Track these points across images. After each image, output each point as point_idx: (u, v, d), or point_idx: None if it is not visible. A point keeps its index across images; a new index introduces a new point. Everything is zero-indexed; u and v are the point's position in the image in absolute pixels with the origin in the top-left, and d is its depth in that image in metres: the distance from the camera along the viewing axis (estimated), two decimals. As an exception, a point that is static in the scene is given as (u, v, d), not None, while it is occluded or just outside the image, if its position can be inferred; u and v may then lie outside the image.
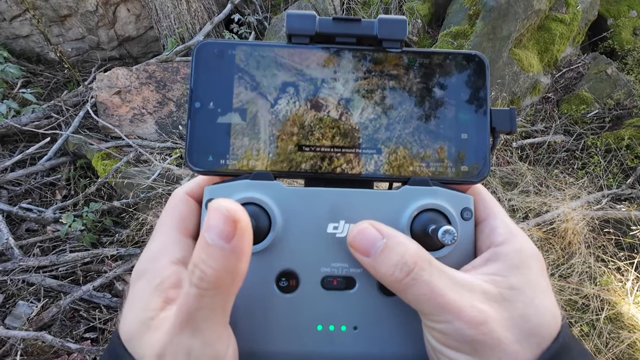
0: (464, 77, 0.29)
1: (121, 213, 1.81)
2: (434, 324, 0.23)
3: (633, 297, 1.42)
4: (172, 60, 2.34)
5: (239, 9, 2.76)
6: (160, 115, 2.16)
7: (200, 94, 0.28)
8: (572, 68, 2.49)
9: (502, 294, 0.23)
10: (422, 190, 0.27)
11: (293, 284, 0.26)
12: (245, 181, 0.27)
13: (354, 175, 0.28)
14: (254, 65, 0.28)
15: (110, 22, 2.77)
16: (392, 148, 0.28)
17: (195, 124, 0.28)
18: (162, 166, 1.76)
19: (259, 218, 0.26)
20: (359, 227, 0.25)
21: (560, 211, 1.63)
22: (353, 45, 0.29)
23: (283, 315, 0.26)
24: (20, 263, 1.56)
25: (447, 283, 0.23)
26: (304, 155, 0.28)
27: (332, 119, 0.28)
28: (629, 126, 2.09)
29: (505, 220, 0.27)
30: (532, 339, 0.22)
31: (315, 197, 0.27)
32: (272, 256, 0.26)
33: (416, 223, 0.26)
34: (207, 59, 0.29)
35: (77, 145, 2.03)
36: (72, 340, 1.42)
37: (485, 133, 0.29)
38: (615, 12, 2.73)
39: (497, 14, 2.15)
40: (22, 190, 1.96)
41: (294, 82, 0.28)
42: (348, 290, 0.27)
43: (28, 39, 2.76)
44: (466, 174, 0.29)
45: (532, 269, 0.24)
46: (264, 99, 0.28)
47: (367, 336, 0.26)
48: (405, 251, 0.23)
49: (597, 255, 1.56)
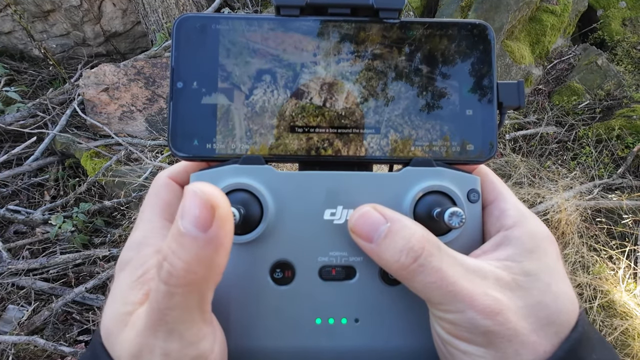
0: (468, 49, 0.27)
1: (112, 213, 1.78)
2: (443, 314, 0.21)
3: (625, 285, 1.45)
4: (161, 55, 2.29)
5: (229, 2, 2.71)
6: (150, 113, 2.11)
7: (182, 73, 0.26)
8: (563, 59, 2.51)
9: (517, 281, 0.21)
10: (426, 171, 0.25)
11: (288, 275, 0.25)
12: (233, 166, 0.25)
13: (351, 157, 0.26)
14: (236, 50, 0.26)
15: (96, 17, 2.70)
16: (392, 128, 0.26)
17: (178, 105, 0.26)
18: (153, 164, 1.73)
19: (249, 205, 0.24)
20: (361, 211, 0.23)
21: (553, 202, 1.65)
22: (347, 16, 0.26)
23: (279, 308, 0.25)
24: (9, 266, 1.52)
25: (458, 269, 0.21)
26: (297, 137, 0.26)
27: (315, 105, 0.26)
28: (619, 116, 2.12)
29: (515, 202, 0.25)
30: (550, 328, 0.21)
31: (310, 182, 0.25)
32: (265, 246, 0.25)
33: (420, 206, 0.25)
34: (189, 35, 0.26)
35: (65, 144, 1.98)
36: (65, 343, 1.39)
37: (492, 108, 0.27)
38: (604, 3, 2.75)
39: (489, 6, 2.15)
40: (8, 192, 1.91)
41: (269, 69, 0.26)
42: (348, 281, 0.25)
43: (10, 36, 2.67)
44: (472, 153, 0.27)
45: (547, 253, 0.23)
46: (238, 89, 0.26)
47: (370, 328, 0.25)
48: (411, 235, 0.21)
49: (590, 244, 1.58)
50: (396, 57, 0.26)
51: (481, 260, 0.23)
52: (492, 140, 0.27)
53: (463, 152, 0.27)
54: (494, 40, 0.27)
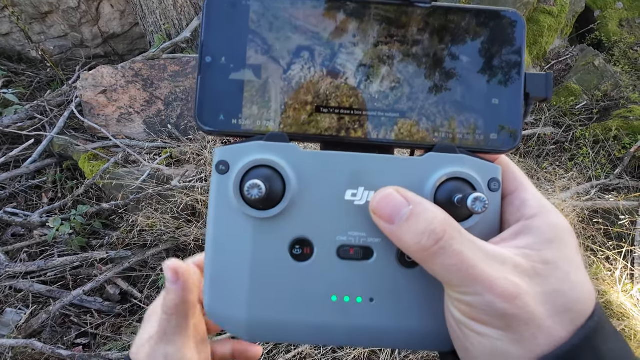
0: (498, 38, 0.26)
1: (110, 215, 1.78)
2: (461, 296, 0.22)
3: (621, 285, 1.45)
4: (159, 57, 2.29)
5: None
6: (148, 115, 2.11)
7: (211, 47, 0.26)
8: (560, 60, 2.52)
9: (535, 268, 0.22)
10: (448, 157, 0.25)
11: (307, 252, 0.25)
12: (258, 142, 0.25)
13: (375, 140, 0.26)
14: (267, 26, 0.26)
15: (94, 18, 2.70)
16: (416, 113, 0.26)
17: (206, 80, 0.26)
18: (151, 166, 1.73)
19: (273, 181, 0.24)
20: (383, 193, 0.23)
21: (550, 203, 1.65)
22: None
23: (296, 284, 0.25)
24: (6, 269, 1.52)
25: (477, 254, 0.21)
26: (322, 117, 0.26)
27: (350, 86, 0.26)
28: (616, 117, 2.13)
29: (535, 193, 0.25)
30: (566, 315, 0.21)
31: (333, 162, 0.25)
32: (285, 222, 0.25)
33: (441, 192, 0.25)
34: (220, 10, 0.26)
35: (63, 146, 1.98)
36: (64, 346, 1.39)
37: (519, 99, 0.26)
38: (602, 4, 2.76)
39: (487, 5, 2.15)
40: (6, 194, 1.91)
41: (309, 46, 0.26)
42: (365, 261, 0.25)
43: (8, 37, 2.67)
44: (495, 142, 0.26)
45: (566, 243, 0.23)
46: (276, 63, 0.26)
47: (384, 308, 0.25)
48: (433, 218, 0.22)
49: (587, 245, 1.59)
50: (430, 43, 0.27)
51: (500, 247, 0.23)
52: (516, 130, 0.27)
53: (487, 140, 0.27)
54: (524, 30, 0.26)
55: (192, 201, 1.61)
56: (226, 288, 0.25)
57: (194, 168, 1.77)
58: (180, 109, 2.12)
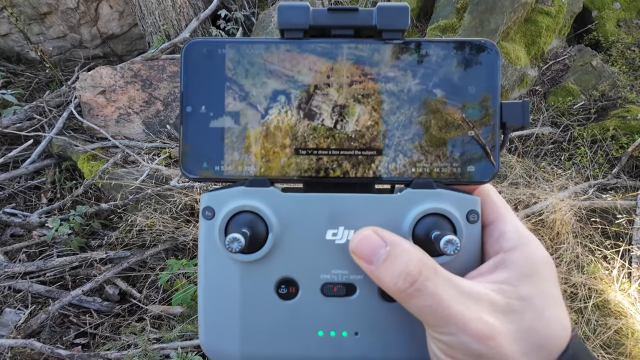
0: (472, 69, 0.27)
1: (109, 215, 1.78)
2: (438, 335, 0.22)
3: (619, 284, 1.46)
4: (158, 58, 2.29)
5: (226, 4, 2.71)
6: (147, 115, 2.12)
7: (191, 97, 0.27)
8: (558, 60, 2.52)
9: (510, 305, 0.22)
10: (425, 193, 0.26)
11: (292, 291, 0.26)
12: (240, 188, 0.26)
13: (353, 178, 0.27)
14: (243, 73, 0.27)
15: (93, 19, 2.70)
16: (393, 150, 0.27)
17: (188, 129, 0.27)
18: (150, 167, 1.73)
19: (255, 226, 0.26)
20: (362, 234, 0.24)
21: (548, 202, 1.66)
22: (350, 37, 0.27)
23: (284, 321, 0.26)
24: (5, 269, 1.52)
25: (452, 293, 0.22)
26: (301, 159, 0.27)
27: (326, 127, 0.27)
28: (614, 117, 2.13)
29: (515, 223, 0.26)
30: (540, 353, 0.22)
31: (313, 203, 0.26)
32: (270, 264, 0.26)
33: (419, 228, 0.25)
34: (197, 60, 0.27)
35: (62, 147, 1.98)
36: (63, 346, 1.39)
37: (495, 129, 0.27)
38: (599, 4, 2.77)
39: (484, 7, 2.16)
40: (5, 195, 1.91)
41: (285, 90, 0.27)
42: (348, 297, 0.26)
43: (7, 38, 2.67)
44: (473, 174, 0.27)
45: (543, 277, 0.23)
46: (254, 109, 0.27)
47: (369, 341, 0.26)
48: (409, 260, 0.22)
49: (585, 244, 1.59)
50: (404, 79, 0.27)
51: (477, 282, 0.24)
52: (493, 161, 0.27)
53: (464, 173, 0.27)
54: (499, 59, 0.27)
55: (191, 201, 1.62)
56: (219, 326, 0.27)
57: (193, 168, 1.77)
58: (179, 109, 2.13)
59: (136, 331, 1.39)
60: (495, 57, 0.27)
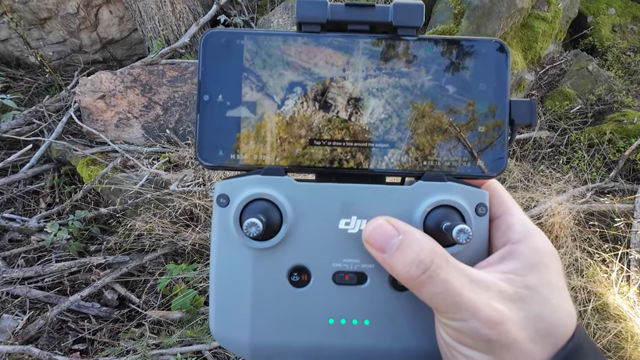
0: (483, 66, 0.27)
1: (108, 220, 1.78)
2: (449, 322, 0.23)
3: (618, 287, 1.46)
4: (158, 62, 2.30)
5: (225, 9, 2.73)
6: (147, 119, 2.12)
7: (208, 86, 0.27)
8: (555, 65, 2.55)
9: (519, 293, 0.23)
10: (436, 185, 0.27)
11: (305, 279, 0.27)
12: (256, 176, 0.27)
13: (366, 169, 0.28)
14: (260, 64, 0.27)
15: (93, 24, 2.71)
16: (405, 143, 0.28)
17: (205, 117, 0.27)
18: (150, 171, 1.73)
19: (270, 214, 0.26)
20: (375, 224, 0.25)
21: (547, 205, 1.66)
22: (366, 33, 0.28)
23: (295, 309, 0.27)
24: (3, 275, 1.51)
25: (463, 281, 0.23)
26: (315, 149, 0.28)
27: (341, 119, 0.27)
28: (610, 121, 2.15)
29: (521, 217, 0.26)
30: (547, 339, 0.22)
31: (327, 193, 0.27)
32: (283, 252, 0.27)
33: (429, 219, 0.26)
34: (215, 50, 0.27)
35: (61, 151, 1.98)
36: (61, 352, 1.38)
37: (504, 126, 0.28)
38: (594, 10, 2.81)
39: (481, 13, 2.18)
40: (4, 200, 1.90)
41: (301, 82, 0.27)
42: (359, 285, 0.27)
43: (6, 43, 2.68)
44: (482, 168, 0.28)
45: (549, 268, 0.24)
46: (270, 99, 0.27)
47: (378, 330, 0.27)
48: (421, 248, 0.23)
49: (583, 247, 1.60)
50: (417, 74, 0.28)
51: (486, 272, 0.24)
52: (502, 156, 0.28)
53: (473, 167, 0.28)
54: (509, 57, 0.28)
55: (191, 205, 1.61)
56: (230, 313, 0.27)
57: (192, 172, 1.78)
58: (179, 113, 2.13)
59: (135, 337, 1.38)
60: (505, 56, 0.28)
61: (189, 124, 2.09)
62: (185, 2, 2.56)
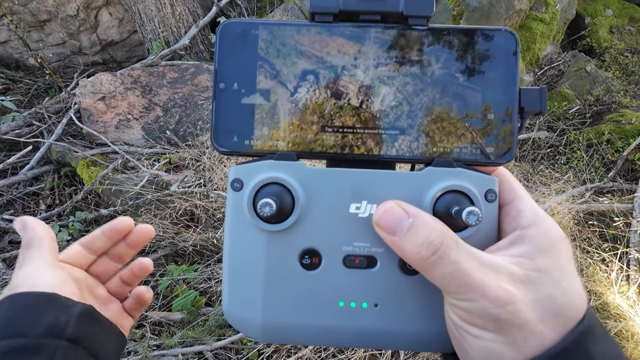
0: (493, 55, 0.28)
1: (109, 221, 1.77)
2: (458, 302, 0.23)
3: (618, 287, 1.47)
4: (158, 64, 2.30)
5: (225, 11, 2.74)
6: (147, 121, 2.12)
7: (224, 74, 0.28)
8: (553, 66, 2.56)
9: (528, 276, 0.23)
10: (446, 171, 0.27)
11: (316, 262, 0.27)
12: (269, 161, 0.27)
13: (376, 156, 0.28)
14: (275, 53, 0.28)
15: (92, 26, 2.72)
16: (415, 130, 0.28)
17: (220, 104, 0.28)
18: (150, 172, 1.73)
19: (283, 197, 0.26)
20: (385, 207, 0.25)
21: (546, 206, 1.67)
22: (378, 23, 0.28)
23: (306, 291, 0.27)
24: (3, 276, 1.51)
25: (473, 263, 0.23)
26: (327, 136, 0.28)
27: (352, 106, 0.28)
28: (609, 121, 2.17)
29: (531, 203, 0.27)
30: (557, 319, 0.22)
31: (338, 178, 0.27)
32: (295, 234, 0.27)
33: (439, 204, 0.26)
34: (231, 39, 0.28)
35: (61, 153, 1.98)
36: (61, 354, 1.37)
37: (514, 113, 0.28)
38: (592, 11, 2.83)
39: (480, 14, 2.20)
40: (3, 201, 1.90)
41: (314, 70, 0.28)
42: (369, 269, 0.27)
43: (6, 45, 2.68)
44: (492, 155, 0.28)
45: (559, 252, 0.24)
46: (284, 87, 0.28)
47: (388, 313, 0.27)
48: (431, 230, 0.23)
49: (583, 247, 1.61)
50: (427, 63, 0.28)
51: (496, 256, 0.24)
52: (511, 144, 0.28)
53: (483, 154, 0.28)
54: (518, 46, 0.28)
55: (191, 206, 1.62)
56: (242, 294, 0.27)
57: (193, 173, 1.78)
58: (179, 115, 2.13)
59: (136, 338, 1.38)
60: (515, 44, 0.28)
61: (189, 125, 2.09)
62: (184, 4, 2.57)
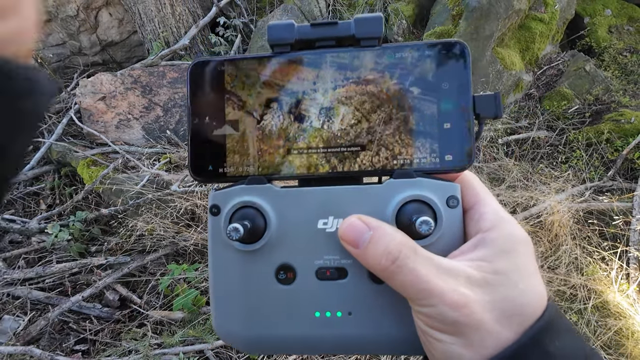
0: (445, 66, 0.29)
1: (109, 221, 1.78)
2: (420, 308, 0.24)
3: (617, 285, 1.47)
4: (158, 64, 2.31)
5: (224, 12, 2.75)
6: (147, 120, 2.12)
7: (196, 110, 0.31)
8: (552, 65, 2.57)
9: (486, 279, 0.24)
10: (405, 182, 0.29)
11: (290, 276, 0.29)
12: (241, 186, 0.29)
13: (341, 172, 0.30)
14: (240, 85, 0.31)
15: (92, 26, 2.72)
16: (376, 145, 0.30)
17: (195, 138, 0.31)
18: (150, 172, 1.74)
19: (255, 219, 0.28)
20: (349, 221, 0.27)
21: (546, 204, 1.68)
22: (333, 47, 0.30)
23: (284, 304, 0.29)
24: (4, 276, 1.51)
25: (431, 269, 0.24)
26: (293, 157, 0.30)
27: (315, 128, 0.30)
28: (608, 120, 2.17)
29: (493, 206, 0.28)
30: (514, 319, 0.23)
31: (305, 196, 0.29)
32: (270, 252, 0.29)
33: (401, 214, 0.28)
34: (201, 77, 0.31)
35: (61, 153, 1.98)
36: (62, 353, 1.38)
37: (469, 121, 0.29)
38: (591, 11, 2.83)
39: (479, 14, 2.20)
40: (4, 201, 1.90)
41: (277, 98, 0.30)
42: (341, 280, 0.29)
43: (6, 45, 2.68)
44: (451, 163, 0.29)
45: (519, 253, 0.25)
46: (250, 116, 0.31)
47: (361, 320, 0.29)
48: (390, 241, 0.25)
49: (583, 246, 1.61)
50: (382, 80, 0.30)
51: (456, 260, 0.25)
52: (469, 150, 0.29)
53: (442, 162, 0.29)
54: (469, 57, 0.29)
55: (192, 206, 1.62)
56: (226, 309, 0.30)
57: (193, 173, 1.78)
58: (179, 114, 2.14)
59: (137, 337, 1.38)
60: (465, 55, 0.29)
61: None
62: (184, 4, 2.57)
